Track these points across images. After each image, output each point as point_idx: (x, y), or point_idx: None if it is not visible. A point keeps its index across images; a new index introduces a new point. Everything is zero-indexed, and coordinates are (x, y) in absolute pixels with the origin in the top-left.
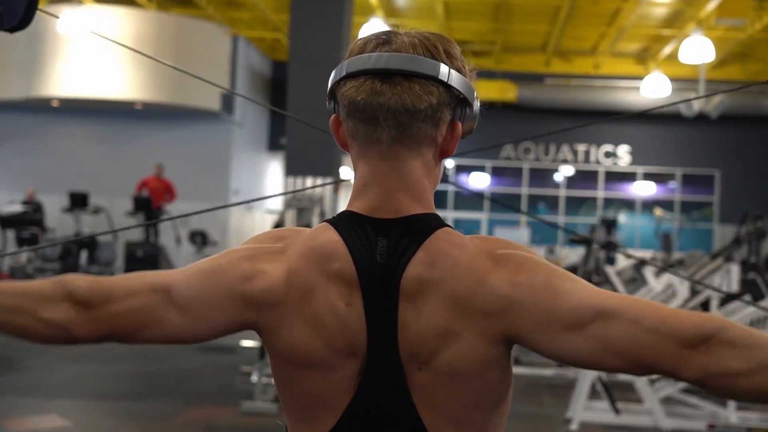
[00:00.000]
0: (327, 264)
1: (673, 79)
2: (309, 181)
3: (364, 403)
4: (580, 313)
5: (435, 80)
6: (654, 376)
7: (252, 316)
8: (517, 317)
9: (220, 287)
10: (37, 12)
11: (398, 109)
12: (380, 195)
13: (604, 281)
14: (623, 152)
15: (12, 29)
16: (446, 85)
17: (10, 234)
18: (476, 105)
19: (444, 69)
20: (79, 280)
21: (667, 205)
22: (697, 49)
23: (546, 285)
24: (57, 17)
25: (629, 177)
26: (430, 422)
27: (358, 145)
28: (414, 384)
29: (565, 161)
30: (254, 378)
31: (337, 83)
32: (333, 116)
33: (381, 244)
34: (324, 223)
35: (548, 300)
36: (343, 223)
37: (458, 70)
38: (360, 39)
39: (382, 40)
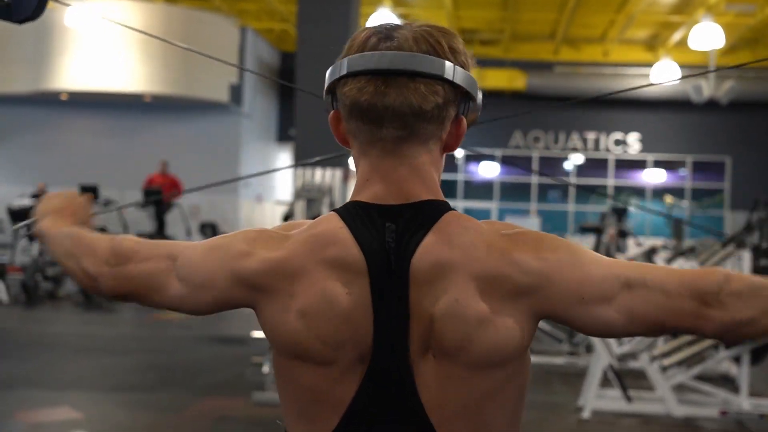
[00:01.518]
0: (325, 251)
1: (682, 66)
2: (318, 172)
3: (367, 400)
4: (608, 284)
5: (440, 79)
6: (666, 363)
7: (244, 295)
8: (548, 293)
9: (216, 262)
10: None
11: (404, 111)
12: (387, 185)
13: None
14: (633, 140)
15: (21, 20)
16: (451, 83)
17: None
18: (479, 96)
19: (449, 67)
20: (124, 241)
21: (677, 192)
22: (707, 35)
23: (572, 259)
24: (68, 5)
25: (639, 165)
26: (439, 420)
27: (360, 144)
28: (422, 379)
29: (574, 149)
30: (265, 369)
31: (338, 80)
32: (332, 112)
33: (389, 230)
34: (331, 212)
35: (577, 274)
36: (349, 210)
37: (462, 65)
38: (359, 34)
39: (383, 35)
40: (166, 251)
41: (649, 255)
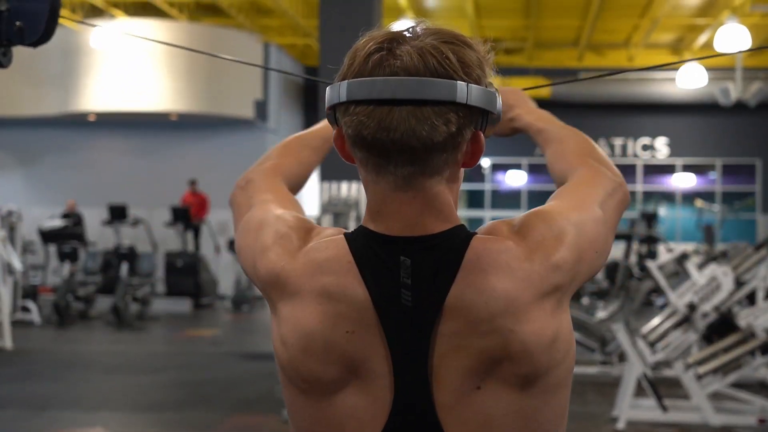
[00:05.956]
0: (323, 279)
1: (709, 69)
2: (344, 186)
3: None
4: (602, 224)
5: (452, 104)
6: (701, 371)
7: (258, 283)
8: (581, 272)
9: (251, 239)
10: (72, 27)
11: (412, 144)
12: (400, 219)
13: (646, 276)
14: (661, 144)
15: (34, 43)
16: (466, 105)
17: (52, 249)
18: (498, 103)
19: (462, 90)
20: (253, 173)
21: (707, 196)
22: (733, 37)
23: (576, 228)
24: (85, 23)
25: (668, 169)
26: None
27: (368, 173)
28: (455, 417)
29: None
30: None
31: (338, 103)
32: (336, 131)
33: (404, 265)
34: (341, 236)
35: (585, 239)
36: (357, 239)
37: (477, 80)
38: (360, 48)
39: (384, 50)
40: (253, 201)
41: (681, 260)
